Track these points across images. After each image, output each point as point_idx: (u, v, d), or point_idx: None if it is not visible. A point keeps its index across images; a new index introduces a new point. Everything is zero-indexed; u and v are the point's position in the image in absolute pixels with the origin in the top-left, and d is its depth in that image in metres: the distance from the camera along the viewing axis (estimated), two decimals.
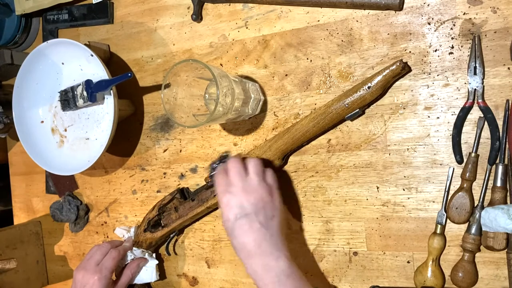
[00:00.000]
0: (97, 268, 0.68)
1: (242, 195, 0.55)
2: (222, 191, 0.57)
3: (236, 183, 0.56)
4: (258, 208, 0.55)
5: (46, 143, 0.80)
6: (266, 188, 0.57)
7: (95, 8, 0.82)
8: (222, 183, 0.57)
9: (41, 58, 0.77)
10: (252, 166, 0.58)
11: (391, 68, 0.58)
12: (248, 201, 0.55)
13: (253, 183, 0.57)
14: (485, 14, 0.57)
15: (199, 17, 0.73)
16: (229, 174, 0.58)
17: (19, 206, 0.94)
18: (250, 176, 0.57)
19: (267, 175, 0.59)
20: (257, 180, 0.57)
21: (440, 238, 0.59)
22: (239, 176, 0.57)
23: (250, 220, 0.54)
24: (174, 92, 0.61)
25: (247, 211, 0.55)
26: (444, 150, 0.60)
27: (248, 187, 0.56)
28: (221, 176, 0.58)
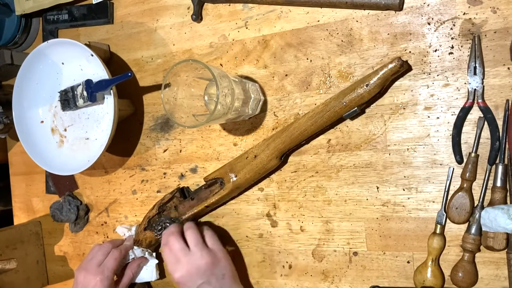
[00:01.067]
0: (99, 269, 0.68)
1: (191, 270, 0.61)
2: (173, 270, 0.62)
3: (182, 260, 0.62)
4: (208, 274, 0.61)
5: (46, 143, 0.80)
6: (209, 254, 0.63)
7: (95, 8, 0.82)
8: (170, 261, 0.63)
9: (41, 58, 0.77)
10: (190, 237, 0.64)
11: (389, 66, 0.57)
12: (197, 273, 0.61)
13: (197, 254, 0.62)
14: (485, 14, 0.57)
15: (199, 17, 0.73)
16: (171, 249, 0.63)
17: (19, 206, 0.94)
18: (191, 248, 0.63)
19: (206, 239, 0.65)
20: (199, 251, 0.62)
21: (440, 238, 0.59)
22: (182, 252, 0.62)
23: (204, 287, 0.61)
24: (174, 92, 0.61)
25: (199, 281, 0.61)
26: (444, 150, 0.60)
27: (193, 260, 0.61)
28: (167, 253, 0.63)
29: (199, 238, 0.64)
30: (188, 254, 0.62)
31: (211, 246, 0.64)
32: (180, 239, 0.64)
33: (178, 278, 0.61)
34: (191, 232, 0.65)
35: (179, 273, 0.61)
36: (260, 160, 0.65)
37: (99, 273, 0.67)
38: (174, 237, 0.64)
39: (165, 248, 0.64)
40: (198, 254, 0.62)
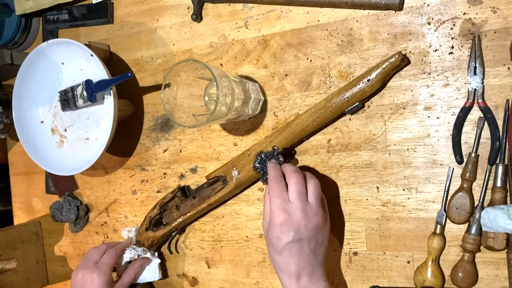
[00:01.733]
0: (96, 266, 0.68)
1: (301, 218, 0.53)
2: (279, 206, 0.53)
3: (296, 204, 0.53)
4: (312, 235, 0.54)
5: (46, 143, 0.80)
6: (323, 214, 0.56)
7: (95, 8, 0.82)
8: (279, 194, 0.54)
9: (41, 58, 0.77)
10: (313, 188, 0.56)
11: (390, 60, 0.58)
12: (306, 226, 0.53)
13: (313, 208, 0.54)
14: (485, 14, 0.57)
15: (199, 17, 0.73)
16: (290, 189, 0.54)
17: (19, 206, 0.94)
18: (310, 199, 0.55)
19: (323, 200, 0.58)
20: (316, 206, 0.55)
21: (440, 238, 0.59)
22: (301, 197, 0.54)
23: (302, 245, 0.54)
24: (174, 92, 0.61)
25: (302, 236, 0.53)
26: (444, 150, 0.60)
27: (308, 211, 0.54)
28: (277, 185, 0.55)
29: (320, 193, 0.56)
30: (306, 202, 0.54)
31: (325, 209, 0.58)
32: (303, 182, 0.55)
33: (282, 220, 0.52)
34: (316, 184, 0.56)
35: (286, 216, 0.53)
36: None
37: (95, 269, 0.67)
38: (299, 178, 0.55)
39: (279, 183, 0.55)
40: (315, 208, 0.54)
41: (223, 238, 0.74)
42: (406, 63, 0.61)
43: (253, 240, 0.72)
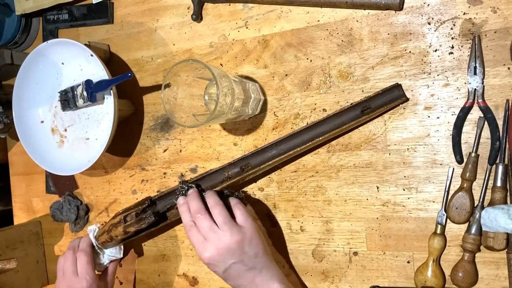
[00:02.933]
0: (78, 278, 0.68)
1: (220, 249, 0.56)
2: (200, 249, 0.57)
3: (210, 239, 0.57)
4: (239, 254, 0.57)
5: (46, 143, 0.80)
6: (240, 232, 0.58)
7: (95, 8, 0.82)
8: (196, 240, 0.58)
9: (41, 58, 0.77)
10: (218, 215, 0.58)
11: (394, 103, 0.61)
12: (228, 252, 0.56)
13: (226, 233, 0.57)
14: (485, 14, 0.57)
15: (199, 17, 0.73)
16: (199, 229, 0.58)
17: (19, 206, 0.94)
18: (220, 227, 0.58)
19: (236, 215, 0.60)
20: (228, 229, 0.57)
21: (440, 238, 0.59)
22: (211, 231, 0.57)
23: (236, 267, 0.57)
24: (174, 92, 0.61)
25: (230, 261, 0.57)
26: (444, 150, 0.60)
27: (222, 239, 0.57)
28: (192, 232, 0.59)
29: (227, 214, 0.59)
30: (217, 233, 0.57)
31: (241, 223, 0.59)
32: (208, 217, 0.59)
33: (207, 258, 0.57)
34: (219, 209, 0.59)
35: (208, 253, 0.57)
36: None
37: (81, 282, 0.67)
38: (201, 215, 0.59)
39: (191, 229, 0.59)
40: (228, 232, 0.57)
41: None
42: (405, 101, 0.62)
43: None
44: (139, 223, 0.66)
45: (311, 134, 0.62)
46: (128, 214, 0.68)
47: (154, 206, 0.68)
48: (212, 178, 0.66)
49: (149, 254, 0.81)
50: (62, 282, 0.69)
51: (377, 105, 0.61)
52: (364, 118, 0.61)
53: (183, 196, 0.63)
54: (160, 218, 0.68)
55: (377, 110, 0.61)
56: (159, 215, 0.68)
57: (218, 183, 0.66)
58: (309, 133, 0.62)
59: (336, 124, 0.61)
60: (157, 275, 0.80)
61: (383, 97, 0.60)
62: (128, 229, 0.67)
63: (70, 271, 0.68)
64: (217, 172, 0.66)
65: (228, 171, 0.65)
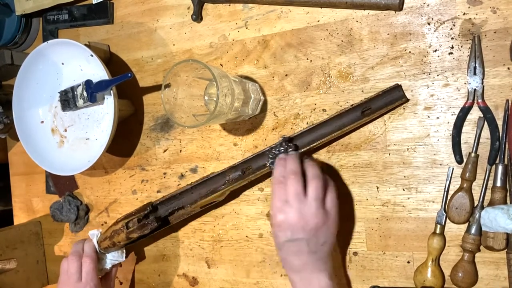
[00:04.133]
0: (81, 284, 0.67)
1: (297, 219, 0.53)
2: (278, 207, 0.54)
3: (292, 204, 0.54)
4: (310, 235, 0.54)
5: (46, 143, 0.80)
6: (323, 216, 0.54)
7: (95, 8, 0.82)
8: (279, 197, 0.55)
9: (41, 58, 0.77)
10: (313, 189, 0.55)
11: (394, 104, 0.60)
12: (302, 227, 0.53)
13: (311, 209, 0.54)
14: (485, 14, 0.57)
15: (199, 17, 0.73)
16: (287, 189, 0.55)
17: (19, 206, 0.94)
18: (308, 200, 0.54)
19: (327, 199, 0.56)
20: (315, 206, 0.54)
21: (440, 238, 0.59)
22: (297, 198, 0.54)
23: (299, 245, 0.54)
24: (174, 92, 0.61)
25: (298, 236, 0.54)
26: (444, 150, 0.60)
27: (305, 211, 0.53)
28: (277, 185, 0.55)
29: (322, 193, 0.55)
30: (303, 203, 0.54)
31: (328, 208, 0.56)
32: (301, 183, 0.55)
33: (280, 220, 0.54)
34: (316, 183, 0.55)
35: (284, 217, 0.54)
36: None
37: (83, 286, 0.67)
38: (295, 177, 0.55)
39: (280, 185, 0.55)
40: (314, 209, 0.54)
41: (223, 238, 0.74)
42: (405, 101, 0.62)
43: (253, 240, 0.72)
44: (141, 229, 0.66)
45: (312, 136, 0.62)
46: (130, 221, 0.68)
47: (156, 211, 0.69)
48: (214, 182, 0.66)
49: (149, 254, 0.81)
50: (65, 286, 0.68)
51: (377, 106, 0.61)
52: (365, 120, 0.61)
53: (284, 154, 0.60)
54: (162, 223, 0.69)
55: (377, 111, 0.61)
56: (162, 219, 0.68)
57: (219, 186, 0.66)
58: (310, 135, 0.62)
59: (337, 126, 0.61)
60: (157, 275, 0.80)
61: (383, 98, 0.60)
62: (130, 235, 0.67)
63: (75, 277, 0.68)
64: (219, 175, 0.66)
65: (230, 174, 0.65)
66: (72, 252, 0.71)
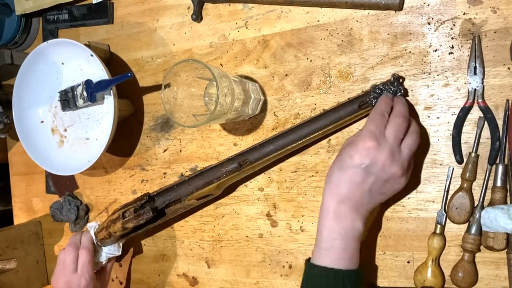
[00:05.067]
0: (77, 275, 0.68)
1: (385, 156, 0.51)
2: (373, 133, 0.51)
3: (390, 142, 0.51)
4: (384, 178, 0.52)
5: (46, 143, 0.80)
6: (404, 170, 0.52)
7: (95, 8, 0.82)
8: (378, 125, 0.52)
9: (41, 58, 0.77)
10: (412, 141, 0.53)
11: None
12: (382, 166, 0.51)
13: (402, 156, 0.52)
14: (485, 14, 0.57)
15: (199, 17, 0.73)
16: (389, 127, 0.52)
17: (19, 206, 0.94)
18: (403, 148, 0.52)
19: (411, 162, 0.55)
20: (405, 157, 0.52)
21: (440, 238, 0.59)
22: (396, 141, 0.52)
23: (366, 179, 0.52)
24: (174, 92, 0.61)
25: (374, 171, 0.51)
26: (444, 150, 0.60)
27: (396, 155, 0.51)
28: (380, 115, 0.53)
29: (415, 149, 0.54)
30: (397, 148, 0.52)
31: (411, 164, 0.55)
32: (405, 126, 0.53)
33: (367, 146, 0.51)
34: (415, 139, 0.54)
35: (373, 145, 0.51)
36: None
37: (79, 280, 0.68)
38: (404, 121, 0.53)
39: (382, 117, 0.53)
40: (404, 158, 0.52)
41: (223, 238, 0.74)
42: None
43: (253, 240, 0.72)
44: (137, 219, 0.67)
45: (309, 129, 0.62)
46: (127, 210, 0.68)
47: (152, 202, 0.69)
48: (210, 174, 0.66)
49: (149, 254, 0.81)
50: (61, 277, 0.69)
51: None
52: (361, 113, 0.61)
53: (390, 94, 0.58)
54: (158, 214, 0.69)
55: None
56: (158, 211, 0.68)
57: (215, 178, 0.66)
58: (307, 128, 0.62)
59: (333, 119, 0.61)
60: (157, 275, 0.80)
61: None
62: (126, 225, 0.68)
63: (70, 268, 0.68)
64: (215, 168, 0.66)
65: (226, 166, 0.65)
66: (70, 243, 0.71)
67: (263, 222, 0.71)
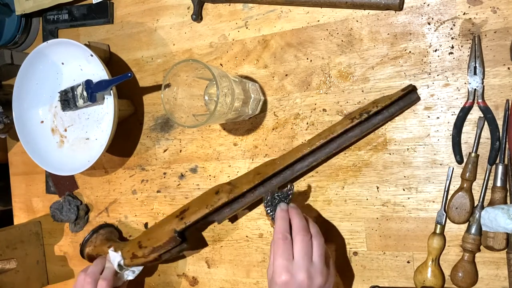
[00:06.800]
0: None
1: (304, 279, 0.52)
2: (283, 266, 0.53)
3: (301, 264, 0.53)
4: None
5: (46, 143, 0.80)
6: (326, 274, 0.54)
7: (95, 8, 0.82)
8: (283, 254, 0.53)
9: (41, 58, 0.77)
10: (318, 247, 0.55)
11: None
12: (309, 287, 0.52)
13: (317, 268, 0.53)
14: (485, 14, 0.57)
15: (199, 17, 0.73)
16: (295, 247, 0.54)
17: (19, 206, 0.94)
18: (314, 259, 0.54)
19: (327, 256, 0.57)
20: (320, 265, 0.54)
21: (439, 238, 0.59)
22: (306, 257, 0.53)
23: None
24: (174, 92, 0.61)
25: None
26: (444, 150, 0.60)
27: (312, 271, 0.53)
28: (282, 242, 0.54)
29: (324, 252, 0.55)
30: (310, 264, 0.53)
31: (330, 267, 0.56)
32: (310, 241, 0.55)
33: (284, 281, 0.52)
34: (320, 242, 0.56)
35: (290, 277, 0.52)
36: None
37: None
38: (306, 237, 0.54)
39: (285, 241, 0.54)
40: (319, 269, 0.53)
41: (223, 238, 0.74)
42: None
43: (253, 240, 0.72)
44: (170, 252, 0.68)
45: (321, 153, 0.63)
46: (163, 253, 0.68)
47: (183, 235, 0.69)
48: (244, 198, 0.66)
49: None
50: None
51: (393, 111, 0.61)
52: (376, 128, 0.62)
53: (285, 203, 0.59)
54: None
55: (391, 116, 0.61)
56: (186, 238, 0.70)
57: (245, 204, 0.66)
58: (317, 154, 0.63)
59: (352, 136, 0.62)
60: (157, 275, 0.80)
61: (399, 104, 0.60)
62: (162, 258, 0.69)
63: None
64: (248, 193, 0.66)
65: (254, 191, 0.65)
66: (90, 272, 0.68)
67: (263, 222, 0.71)
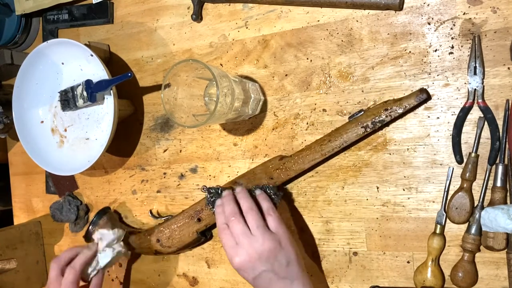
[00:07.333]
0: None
1: (251, 255, 0.55)
2: (231, 254, 0.56)
3: (242, 244, 0.56)
4: (271, 262, 0.55)
5: (46, 143, 0.80)
6: (272, 238, 0.56)
7: (95, 8, 0.82)
8: (228, 243, 0.57)
9: (41, 58, 0.77)
10: (252, 220, 0.57)
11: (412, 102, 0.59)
12: (259, 259, 0.55)
13: (258, 240, 0.56)
14: (485, 14, 0.57)
15: (199, 17, 0.73)
16: (232, 233, 0.57)
17: (19, 206, 0.94)
18: (253, 233, 0.56)
19: (269, 222, 0.58)
20: (261, 235, 0.56)
21: (439, 238, 0.59)
22: (244, 235, 0.56)
23: (267, 276, 0.55)
24: (174, 92, 0.61)
25: (262, 269, 0.55)
26: (444, 150, 0.60)
27: (255, 244, 0.55)
28: (225, 234, 0.58)
29: (261, 219, 0.58)
30: (249, 238, 0.56)
31: (274, 230, 0.58)
32: (242, 221, 0.58)
33: (237, 263, 0.56)
34: (252, 213, 0.58)
35: (239, 259, 0.56)
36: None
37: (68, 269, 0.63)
38: (235, 218, 0.58)
39: (224, 231, 0.58)
40: (260, 238, 0.56)
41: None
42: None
43: None
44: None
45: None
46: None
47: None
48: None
49: None
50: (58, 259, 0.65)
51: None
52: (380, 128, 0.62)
53: (220, 199, 0.62)
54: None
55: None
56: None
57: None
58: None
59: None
60: (157, 275, 0.80)
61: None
62: None
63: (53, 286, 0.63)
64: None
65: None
66: (55, 259, 0.65)
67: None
